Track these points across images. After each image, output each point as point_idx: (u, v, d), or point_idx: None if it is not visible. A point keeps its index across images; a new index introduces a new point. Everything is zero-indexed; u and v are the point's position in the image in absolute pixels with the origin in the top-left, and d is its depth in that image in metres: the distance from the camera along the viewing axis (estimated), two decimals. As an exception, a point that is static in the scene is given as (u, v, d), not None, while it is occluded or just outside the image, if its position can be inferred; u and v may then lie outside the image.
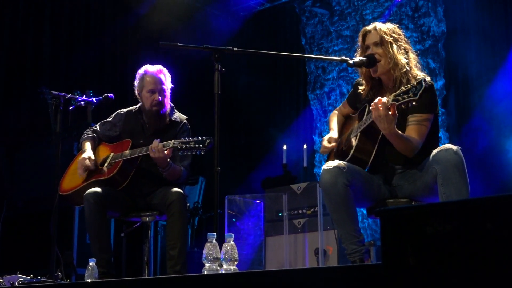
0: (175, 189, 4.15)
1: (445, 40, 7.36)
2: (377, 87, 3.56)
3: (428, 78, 3.36)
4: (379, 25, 3.51)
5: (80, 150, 4.52)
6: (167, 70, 4.42)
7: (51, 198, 4.12)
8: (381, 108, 3.13)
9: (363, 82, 3.61)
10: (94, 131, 4.52)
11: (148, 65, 4.40)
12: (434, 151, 3.20)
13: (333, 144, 3.67)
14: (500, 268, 1.64)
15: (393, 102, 3.12)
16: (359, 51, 3.58)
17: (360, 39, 3.56)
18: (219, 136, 3.42)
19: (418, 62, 3.51)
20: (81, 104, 4.51)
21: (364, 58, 3.47)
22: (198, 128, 4.64)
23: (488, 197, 1.69)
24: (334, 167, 3.27)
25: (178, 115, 4.49)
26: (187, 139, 4.03)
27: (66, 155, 5.17)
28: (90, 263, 3.62)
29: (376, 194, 3.46)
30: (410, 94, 3.06)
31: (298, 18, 8.87)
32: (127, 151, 4.26)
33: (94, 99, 4.57)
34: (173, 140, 4.04)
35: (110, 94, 4.56)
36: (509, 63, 6.62)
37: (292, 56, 7.41)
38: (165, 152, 4.05)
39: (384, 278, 1.85)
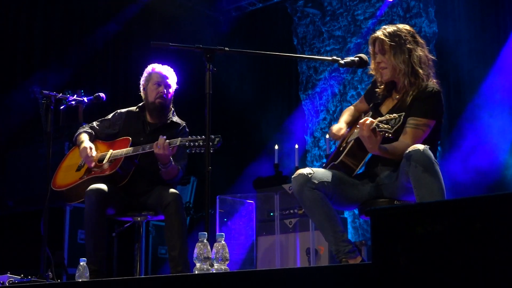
0: (171, 190, 4.19)
1: (437, 41, 7.38)
2: (390, 86, 3.58)
3: (434, 85, 3.41)
4: (380, 32, 3.50)
5: (74, 145, 4.50)
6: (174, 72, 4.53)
7: (42, 197, 4.11)
8: (365, 129, 3.15)
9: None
10: (91, 127, 4.53)
11: (156, 63, 4.52)
12: (405, 153, 3.18)
13: (343, 132, 3.67)
14: (489, 267, 1.64)
15: (375, 126, 3.13)
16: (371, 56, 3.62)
17: (370, 46, 3.58)
18: (210, 136, 3.42)
19: (425, 60, 3.50)
20: (72, 103, 4.49)
21: (356, 59, 3.50)
22: (189, 127, 4.65)
23: (477, 197, 1.70)
24: (299, 174, 3.37)
25: (177, 119, 4.55)
26: (194, 137, 4.04)
27: (57, 155, 5.17)
28: (81, 263, 3.61)
29: (356, 195, 3.47)
30: (389, 125, 3.08)
31: (290, 18, 8.87)
32: (130, 148, 4.26)
33: (85, 99, 4.55)
34: (179, 138, 4.05)
35: (101, 94, 4.56)
36: (500, 64, 6.65)
37: (284, 56, 7.40)
38: (170, 149, 4.08)
39: (375, 278, 1.86)
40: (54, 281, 3.91)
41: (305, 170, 3.39)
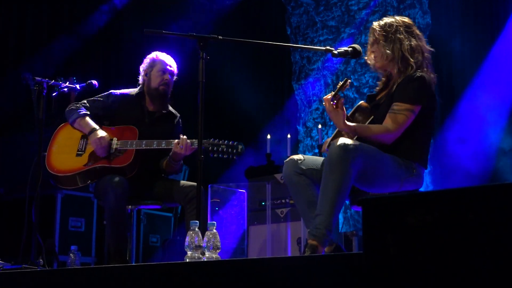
0: (193, 183, 4.18)
1: (430, 32, 7.38)
2: (388, 79, 3.64)
3: (419, 72, 3.42)
4: (375, 24, 3.57)
5: (71, 125, 4.37)
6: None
7: (33, 185, 4.09)
8: (326, 104, 3.26)
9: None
10: (86, 107, 4.38)
11: (158, 51, 4.50)
12: None
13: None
14: (480, 258, 1.65)
15: (330, 97, 3.25)
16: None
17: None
18: (203, 124, 3.42)
19: (419, 50, 3.52)
20: (64, 90, 4.46)
21: (349, 49, 3.51)
22: (181, 117, 4.64)
23: (469, 187, 1.71)
24: (290, 159, 3.44)
25: (172, 109, 4.54)
26: (216, 141, 4.07)
27: (48, 141, 5.14)
28: (72, 250, 3.62)
29: None
30: (336, 89, 3.22)
31: (284, 7, 8.85)
32: (143, 141, 4.18)
33: (77, 86, 4.52)
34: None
35: (93, 81, 4.53)
36: (494, 55, 6.66)
37: (277, 46, 7.40)
38: (191, 149, 4.07)
39: (365, 267, 1.87)
40: (45, 268, 3.91)
41: (297, 156, 3.45)
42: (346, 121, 3.31)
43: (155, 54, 4.48)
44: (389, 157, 3.30)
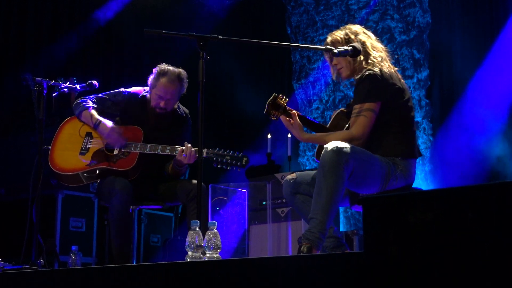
0: (194, 181, 4.14)
1: (430, 31, 7.38)
2: None
3: (369, 70, 3.41)
4: (328, 39, 3.65)
5: (77, 118, 4.37)
6: (186, 75, 4.34)
7: (34, 185, 4.09)
8: (282, 120, 3.56)
9: None
10: (92, 102, 4.37)
11: (170, 67, 4.33)
12: None
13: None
14: (480, 256, 1.65)
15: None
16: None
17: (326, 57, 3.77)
18: (203, 124, 3.42)
19: (370, 46, 3.52)
20: (65, 91, 4.46)
21: (349, 48, 3.49)
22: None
23: (469, 186, 1.71)
24: (284, 181, 3.61)
25: (182, 109, 4.47)
26: (221, 151, 4.05)
27: (49, 142, 5.14)
28: (73, 250, 3.62)
29: None
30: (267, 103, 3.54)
31: (284, 7, 8.85)
32: (146, 145, 4.17)
33: (77, 86, 4.52)
34: (205, 149, 4.00)
35: (94, 81, 4.53)
36: (493, 55, 6.66)
37: (277, 45, 7.39)
38: (195, 157, 4.01)
39: (366, 266, 1.87)
40: (46, 268, 3.91)
41: (289, 176, 3.58)
42: (304, 133, 3.51)
43: (163, 70, 4.29)
44: (376, 157, 3.30)
